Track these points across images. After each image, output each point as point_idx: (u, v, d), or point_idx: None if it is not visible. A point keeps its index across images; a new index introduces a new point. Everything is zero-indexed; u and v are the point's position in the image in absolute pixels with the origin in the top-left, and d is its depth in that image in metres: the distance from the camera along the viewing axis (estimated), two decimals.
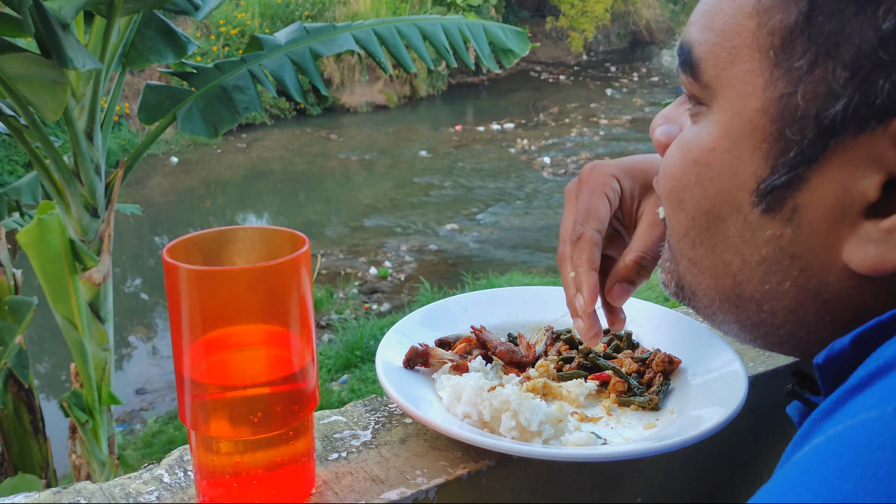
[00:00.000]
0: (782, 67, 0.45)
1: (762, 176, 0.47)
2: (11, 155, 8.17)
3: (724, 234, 0.51)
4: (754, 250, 0.49)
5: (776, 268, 0.49)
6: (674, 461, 0.78)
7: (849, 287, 0.46)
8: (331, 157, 9.96)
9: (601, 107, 12.47)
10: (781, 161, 0.46)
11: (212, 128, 2.66)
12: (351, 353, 4.98)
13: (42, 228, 2.32)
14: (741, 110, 0.48)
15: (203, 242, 0.61)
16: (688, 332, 0.82)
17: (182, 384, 0.57)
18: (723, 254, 0.51)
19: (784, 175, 0.46)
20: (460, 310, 0.87)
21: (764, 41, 0.46)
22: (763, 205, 0.48)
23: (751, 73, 0.47)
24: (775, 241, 0.48)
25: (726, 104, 0.49)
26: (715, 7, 0.49)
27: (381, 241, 7.17)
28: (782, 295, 0.49)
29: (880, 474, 0.31)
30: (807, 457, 0.35)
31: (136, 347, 5.68)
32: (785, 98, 0.45)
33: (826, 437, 0.35)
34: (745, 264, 0.50)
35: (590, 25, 15.47)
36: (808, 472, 0.34)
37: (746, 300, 0.51)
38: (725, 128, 0.49)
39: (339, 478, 0.64)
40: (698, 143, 0.51)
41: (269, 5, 11.80)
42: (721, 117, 0.49)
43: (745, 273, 0.50)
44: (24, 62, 2.03)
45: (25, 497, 0.61)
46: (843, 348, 0.42)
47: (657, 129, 0.59)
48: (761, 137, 0.47)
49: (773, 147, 0.46)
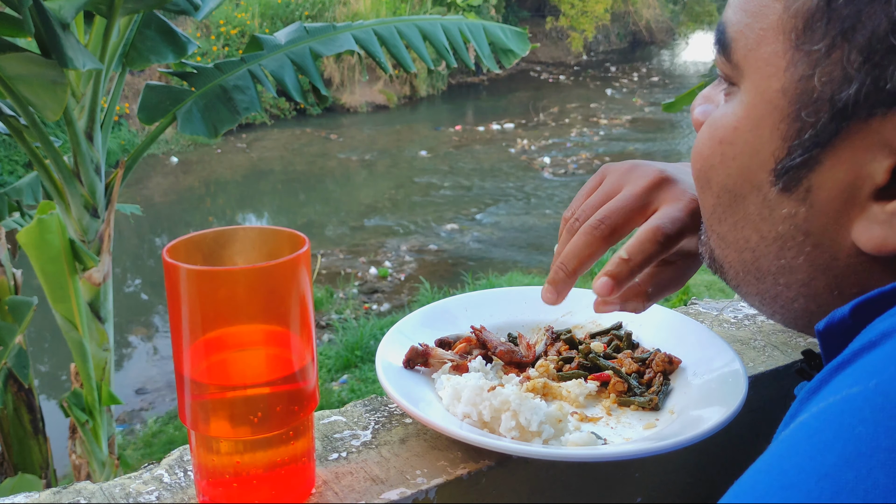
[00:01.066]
0: (803, 50, 0.46)
1: (780, 156, 0.49)
2: (11, 155, 8.17)
3: (744, 211, 0.53)
4: (771, 227, 0.51)
5: (791, 244, 0.51)
6: (674, 461, 0.79)
7: (856, 264, 0.48)
8: (331, 157, 9.96)
9: (601, 107, 12.47)
10: (797, 142, 0.48)
11: (212, 128, 2.66)
12: (351, 353, 4.98)
13: (42, 228, 2.32)
14: (764, 91, 0.49)
15: (203, 242, 0.61)
16: (688, 332, 0.82)
17: (182, 384, 0.57)
18: (743, 229, 0.54)
19: (799, 156, 0.48)
20: (460, 310, 0.87)
21: (788, 23, 0.47)
22: (780, 184, 0.49)
23: (775, 54, 0.48)
24: (791, 219, 0.50)
25: (751, 85, 0.51)
26: None
27: (381, 241, 7.17)
28: (796, 269, 0.51)
29: (861, 448, 0.32)
30: (792, 433, 0.36)
31: (136, 347, 5.68)
32: (803, 80, 0.47)
33: (810, 413, 0.37)
34: (762, 240, 0.52)
35: (590, 25, 15.48)
36: (793, 448, 0.35)
37: (764, 273, 0.54)
38: (749, 108, 0.51)
39: (339, 478, 0.64)
40: (724, 122, 0.53)
41: (269, 5, 11.80)
42: (746, 98, 0.51)
43: (763, 248, 0.53)
44: (24, 62, 2.03)
45: (25, 497, 0.61)
46: (843, 316, 0.43)
47: (696, 109, 0.61)
48: (780, 118, 0.48)
49: (791, 128, 0.48)
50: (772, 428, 0.84)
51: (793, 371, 0.83)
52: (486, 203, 8.17)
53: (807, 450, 0.34)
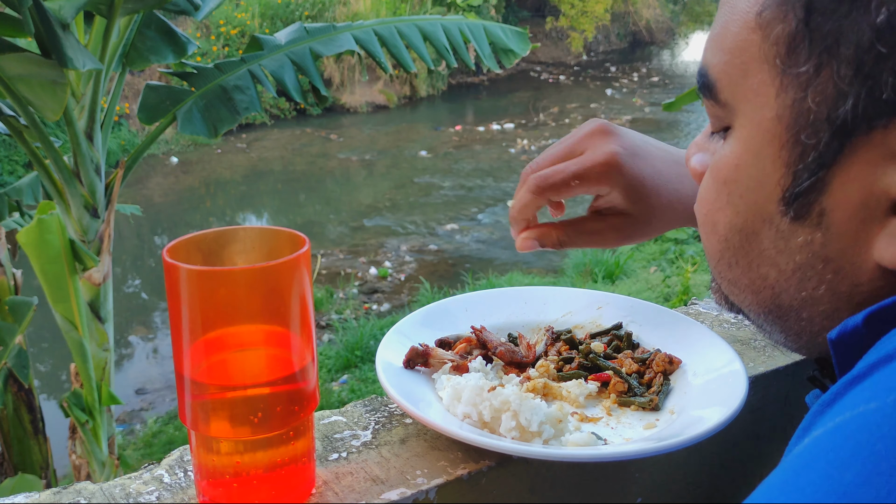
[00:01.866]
0: (790, 74, 0.46)
1: (786, 184, 0.48)
2: (11, 155, 8.17)
3: (758, 248, 0.51)
4: (789, 258, 0.50)
5: (810, 273, 0.49)
6: (674, 461, 0.79)
7: (880, 287, 0.47)
8: (331, 157, 9.96)
9: (601, 107, 12.47)
10: (801, 167, 0.46)
11: (212, 128, 2.66)
12: (351, 353, 4.98)
13: (42, 228, 2.31)
14: (759, 122, 0.49)
15: (203, 242, 0.61)
16: (688, 332, 0.82)
17: (182, 384, 0.57)
18: (759, 268, 0.52)
19: (806, 180, 0.46)
20: (460, 310, 0.87)
21: (770, 52, 0.47)
22: (791, 213, 0.48)
23: (762, 84, 0.48)
24: (808, 247, 0.48)
25: (745, 119, 0.50)
26: (722, 29, 0.51)
27: (381, 241, 7.17)
28: (818, 300, 0.50)
29: (881, 467, 0.31)
30: (807, 449, 0.35)
31: (136, 347, 5.68)
32: (796, 103, 0.46)
33: (826, 429, 0.36)
34: (781, 274, 0.51)
35: (590, 25, 15.48)
36: (809, 465, 0.34)
37: (786, 310, 0.52)
38: (747, 142, 0.50)
39: (339, 478, 0.64)
40: (724, 162, 0.52)
41: (269, 5, 11.80)
42: (742, 133, 0.50)
43: (782, 283, 0.51)
44: (24, 62, 2.03)
45: (25, 497, 0.61)
46: (857, 325, 0.42)
47: (692, 159, 0.60)
48: (780, 146, 0.47)
49: (792, 153, 0.47)
50: (772, 428, 0.85)
51: (794, 372, 0.83)
52: (486, 203, 8.17)
53: (823, 467, 0.33)
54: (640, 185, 0.75)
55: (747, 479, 0.87)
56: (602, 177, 0.75)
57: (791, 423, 0.87)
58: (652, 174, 0.76)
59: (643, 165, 0.76)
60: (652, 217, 0.77)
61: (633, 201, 0.76)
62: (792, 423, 0.87)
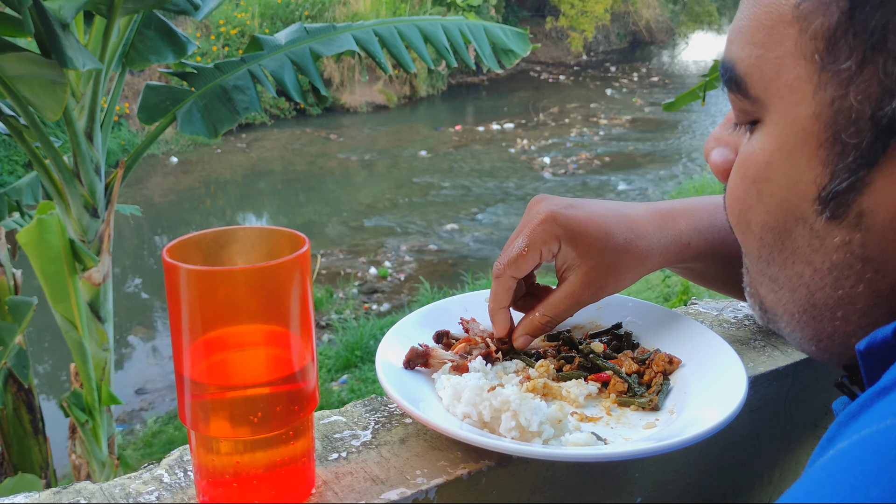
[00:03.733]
0: (830, 70, 0.44)
1: (823, 183, 0.46)
2: (11, 155, 8.17)
3: (792, 247, 0.50)
4: (824, 257, 0.48)
5: (848, 272, 0.48)
6: (674, 461, 0.78)
7: None
8: (331, 157, 9.96)
9: (601, 107, 12.47)
10: (840, 166, 0.45)
11: (212, 128, 2.66)
12: (351, 353, 4.98)
13: (42, 228, 2.32)
14: (793, 119, 0.47)
15: (203, 242, 0.61)
16: (688, 332, 0.82)
17: (182, 384, 0.57)
18: (794, 265, 0.51)
19: (846, 180, 0.45)
20: (460, 310, 0.87)
21: (808, 46, 0.45)
22: (827, 212, 0.47)
23: (799, 80, 0.46)
24: (845, 247, 0.47)
25: (778, 115, 0.48)
26: (752, 21, 0.49)
27: (381, 241, 7.17)
28: (855, 298, 0.49)
29: None
30: (832, 461, 0.35)
31: (136, 347, 5.68)
32: (837, 101, 0.44)
33: (851, 441, 0.35)
34: (816, 273, 0.50)
35: (590, 25, 15.48)
36: (835, 478, 0.34)
37: (821, 309, 0.51)
38: (780, 139, 0.48)
39: (339, 478, 0.64)
40: (754, 159, 0.51)
41: (269, 5, 11.81)
42: (774, 129, 0.49)
43: (818, 281, 0.50)
44: (24, 62, 2.03)
45: (25, 497, 0.61)
46: (886, 336, 0.41)
47: (712, 153, 0.59)
48: (817, 144, 0.46)
49: (831, 152, 0.45)
50: (772, 428, 0.85)
51: (794, 372, 0.83)
52: (486, 203, 8.17)
53: (848, 480, 0.33)
54: (582, 231, 0.75)
55: (747, 479, 0.87)
56: (544, 233, 0.75)
57: (791, 423, 0.87)
58: (591, 216, 0.76)
59: (579, 213, 0.76)
60: (613, 261, 0.76)
61: (585, 248, 0.75)
62: (792, 423, 0.87)
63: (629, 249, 0.76)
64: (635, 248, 0.76)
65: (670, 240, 0.78)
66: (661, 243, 0.78)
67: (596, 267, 0.76)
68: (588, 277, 0.76)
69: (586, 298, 0.78)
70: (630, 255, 0.76)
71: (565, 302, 0.78)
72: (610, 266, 0.76)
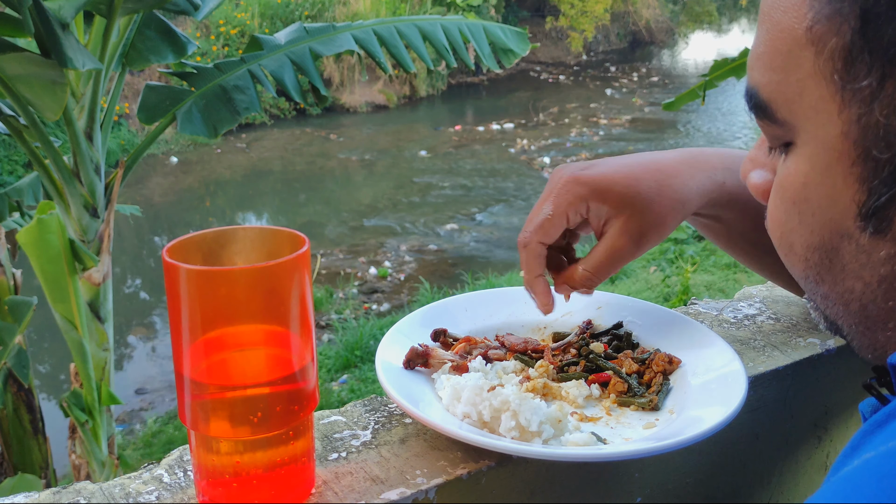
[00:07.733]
0: (851, 89, 0.44)
1: (861, 200, 0.46)
2: (11, 155, 8.17)
3: (840, 263, 0.50)
4: (873, 272, 0.48)
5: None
6: (674, 461, 0.79)
7: None
8: (331, 157, 9.96)
9: (601, 107, 12.47)
10: (877, 182, 0.45)
11: (211, 128, 2.65)
12: (351, 353, 4.98)
13: (42, 228, 2.31)
14: (823, 139, 0.47)
15: (203, 242, 0.61)
16: (688, 332, 0.82)
17: (182, 384, 0.57)
18: (844, 281, 0.51)
19: (884, 195, 0.45)
20: (460, 310, 0.87)
21: (826, 67, 0.45)
22: (871, 228, 0.47)
23: (822, 100, 0.46)
24: (892, 260, 0.47)
25: (807, 136, 0.48)
26: (769, 47, 0.49)
27: (381, 241, 7.17)
28: None
29: None
30: (857, 472, 0.35)
31: (136, 347, 5.67)
32: (862, 118, 0.44)
33: (877, 453, 0.35)
34: (867, 287, 0.49)
35: (590, 25, 15.47)
36: (859, 490, 0.33)
37: (874, 320, 0.51)
38: (812, 159, 0.48)
39: (339, 478, 0.64)
40: (791, 181, 0.51)
41: (269, 5, 11.80)
42: (806, 150, 0.49)
43: (869, 294, 0.50)
44: (24, 62, 2.03)
45: (25, 497, 0.61)
46: None
47: (751, 175, 0.59)
48: (850, 162, 0.46)
49: (864, 169, 0.45)
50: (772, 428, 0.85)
51: (794, 372, 0.83)
52: (486, 203, 8.17)
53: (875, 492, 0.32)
54: (608, 184, 0.75)
55: (747, 479, 0.87)
56: (569, 195, 0.75)
57: (791, 423, 0.87)
58: (616, 168, 0.76)
59: (602, 169, 0.76)
60: (648, 204, 0.75)
61: (616, 200, 0.75)
62: (792, 423, 0.87)
63: (662, 191, 0.75)
64: (669, 189, 0.76)
65: (705, 177, 0.78)
66: (696, 180, 0.77)
67: (632, 215, 0.75)
68: (626, 226, 0.75)
69: (628, 249, 0.76)
70: (665, 197, 0.76)
71: (606, 255, 0.76)
72: (646, 210, 0.75)
